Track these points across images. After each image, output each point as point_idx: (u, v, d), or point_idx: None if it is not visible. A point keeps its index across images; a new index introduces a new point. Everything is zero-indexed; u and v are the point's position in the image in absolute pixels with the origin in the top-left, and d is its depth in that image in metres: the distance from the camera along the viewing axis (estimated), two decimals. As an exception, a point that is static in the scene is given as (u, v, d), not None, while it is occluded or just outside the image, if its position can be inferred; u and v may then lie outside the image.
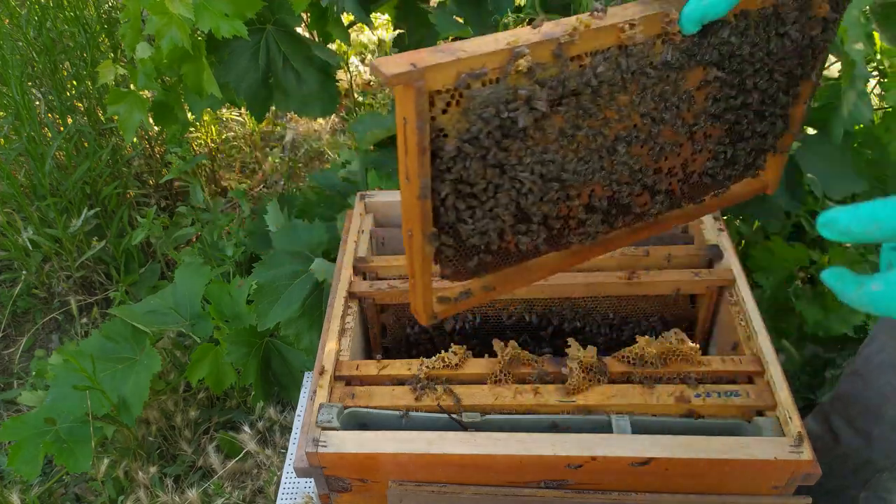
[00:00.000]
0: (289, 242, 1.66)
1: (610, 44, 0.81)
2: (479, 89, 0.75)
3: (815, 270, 1.78)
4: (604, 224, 0.98)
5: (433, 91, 0.72)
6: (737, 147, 1.02)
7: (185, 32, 1.62)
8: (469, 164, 0.78)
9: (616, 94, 0.85)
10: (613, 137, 0.89)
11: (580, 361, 1.10)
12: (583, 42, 0.79)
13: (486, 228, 0.86)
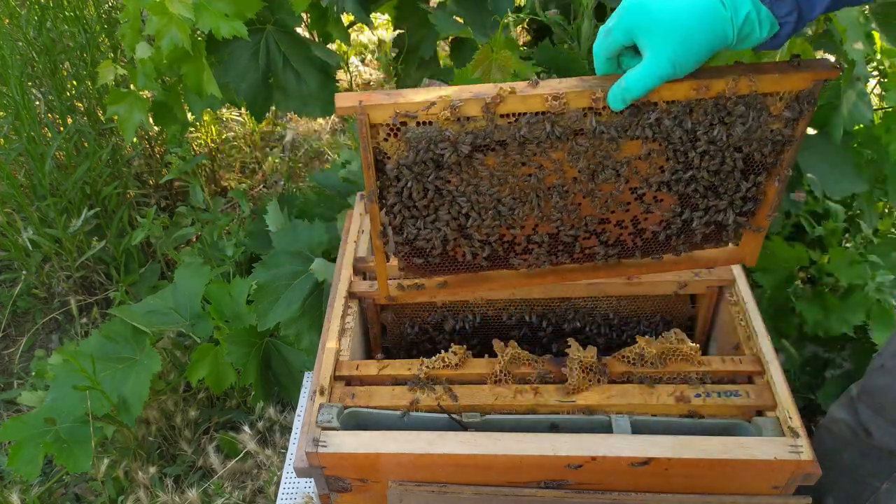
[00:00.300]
0: (289, 242, 1.66)
1: (536, 109, 0.96)
2: (413, 127, 0.96)
3: (814, 270, 1.78)
4: (550, 256, 1.14)
5: (375, 123, 0.96)
6: (692, 216, 1.11)
7: (185, 33, 1.62)
8: (409, 183, 1.00)
9: (547, 151, 1.00)
10: (548, 186, 1.04)
11: (580, 361, 1.10)
12: (511, 104, 0.95)
13: (429, 236, 1.07)
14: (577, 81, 0.95)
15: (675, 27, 0.88)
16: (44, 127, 2.34)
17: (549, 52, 1.53)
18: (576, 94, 0.95)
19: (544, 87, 0.95)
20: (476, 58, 1.44)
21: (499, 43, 1.42)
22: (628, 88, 0.92)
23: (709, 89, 0.96)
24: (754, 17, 0.88)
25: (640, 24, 0.90)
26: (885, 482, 1.34)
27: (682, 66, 0.90)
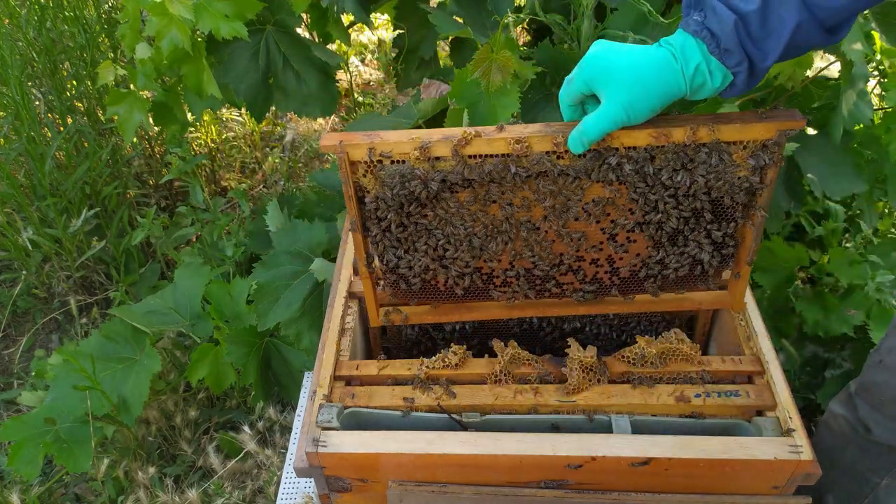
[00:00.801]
0: (289, 242, 1.66)
1: (501, 151, 1.03)
2: (388, 165, 1.05)
3: (814, 270, 1.78)
4: (529, 289, 1.19)
5: (354, 161, 1.04)
6: (667, 258, 1.15)
7: (186, 34, 1.62)
8: (387, 215, 1.09)
9: (513, 190, 1.07)
10: (518, 223, 1.11)
11: (580, 361, 1.10)
12: (477, 146, 1.02)
13: (410, 265, 1.15)
14: (542, 127, 1.02)
15: (628, 76, 0.94)
16: (44, 127, 2.34)
17: (549, 52, 1.53)
18: (538, 139, 1.01)
19: (509, 132, 1.02)
20: (476, 58, 1.44)
21: (499, 43, 1.42)
22: (585, 132, 0.98)
23: (668, 137, 1.00)
24: (704, 69, 0.93)
25: (596, 74, 0.97)
26: (884, 478, 1.35)
27: (635, 112, 0.95)
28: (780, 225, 1.67)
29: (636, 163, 1.02)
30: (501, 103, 1.43)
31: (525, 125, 1.04)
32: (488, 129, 1.02)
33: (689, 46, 0.93)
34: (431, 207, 1.09)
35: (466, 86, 1.46)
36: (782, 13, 0.89)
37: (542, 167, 1.03)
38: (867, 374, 1.33)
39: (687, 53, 0.93)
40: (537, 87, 1.54)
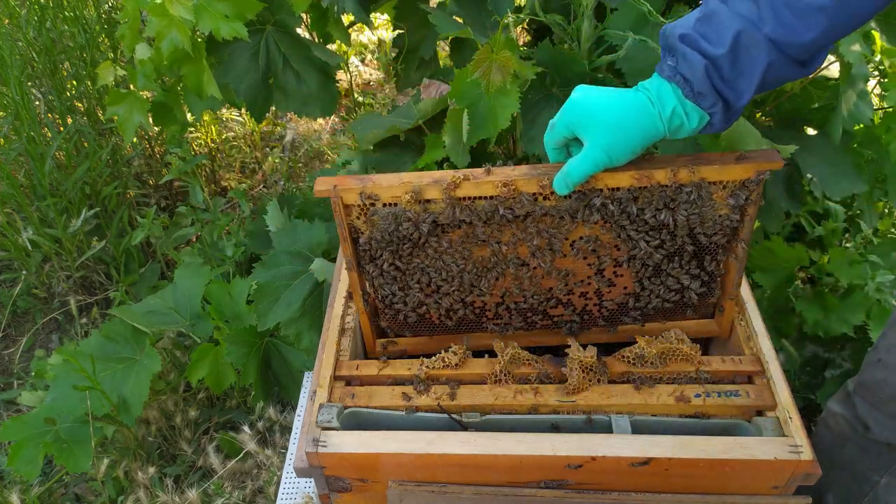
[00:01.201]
0: (289, 242, 1.66)
1: (489, 193, 1.07)
2: (381, 208, 1.09)
3: (814, 270, 1.79)
4: (521, 321, 1.23)
5: (347, 204, 1.09)
6: (652, 292, 1.19)
7: (186, 34, 1.62)
8: (381, 254, 1.13)
9: (502, 230, 1.10)
10: (507, 261, 1.14)
11: (580, 361, 1.10)
12: (466, 189, 1.06)
13: (405, 300, 1.20)
14: (528, 169, 1.06)
15: (608, 122, 0.97)
16: (44, 127, 2.34)
17: (549, 53, 1.53)
18: (525, 181, 1.06)
19: (496, 175, 1.06)
20: (476, 58, 1.44)
21: (499, 43, 1.42)
22: (569, 174, 1.01)
23: (650, 178, 1.04)
24: (681, 111, 0.96)
25: (578, 119, 1.00)
26: (884, 476, 1.35)
27: (616, 155, 0.99)
28: (780, 225, 1.67)
29: (620, 203, 1.07)
30: (501, 103, 1.43)
31: (512, 167, 1.07)
32: (477, 171, 1.07)
33: (665, 91, 0.96)
34: (423, 247, 1.13)
35: (466, 86, 1.46)
36: (752, 54, 0.92)
37: (529, 208, 1.07)
38: (866, 373, 1.33)
39: (663, 98, 0.96)
40: (537, 87, 1.54)
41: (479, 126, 1.46)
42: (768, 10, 0.89)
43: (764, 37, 0.90)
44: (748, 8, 0.91)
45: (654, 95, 0.97)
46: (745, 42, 0.91)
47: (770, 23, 0.89)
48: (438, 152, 1.55)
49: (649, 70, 1.52)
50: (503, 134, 1.59)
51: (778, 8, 0.88)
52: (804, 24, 0.88)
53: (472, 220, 1.09)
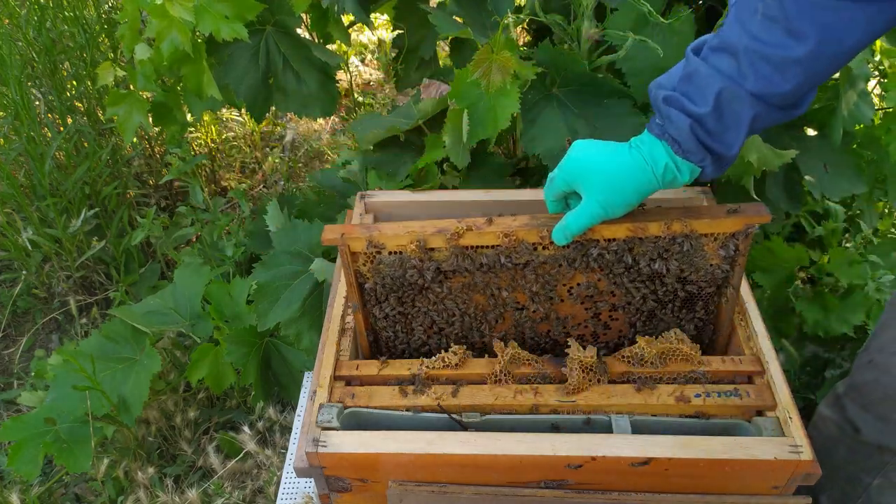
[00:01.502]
0: (289, 242, 1.66)
1: (491, 243, 1.11)
2: (387, 256, 1.13)
3: (814, 270, 1.79)
4: None
5: (354, 251, 1.12)
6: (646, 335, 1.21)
7: (186, 35, 1.62)
8: (386, 298, 1.18)
9: (503, 277, 1.15)
10: (505, 304, 1.19)
11: (580, 361, 1.10)
12: (469, 238, 1.11)
13: (408, 340, 1.25)
14: (528, 219, 1.11)
15: (604, 178, 1.02)
16: (44, 127, 2.34)
17: (549, 53, 1.53)
18: (525, 231, 1.10)
19: (498, 225, 1.11)
20: (476, 58, 1.44)
21: (499, 43, 1.42)
22: (567, 227, 1.06)
23: (645, 231, 1.09)
24: (672, 167, 1.00)
25: (575, 175, 1.04)
26: (876, 478, 1.35)
27: (613, 209, 1.03)
28: (780, 225, 1.67)
29: (616, 253, 1.12)
30: (501, 104, 1.43)
31: (514, 218, 1.12)
32: (479, 221, 1.11)
33: (656, 148, 1.00)
34: (427, 292, 1.18)
35: (466, 86, 1.46)
36: (737, 109, 0.94)
37: (528, 257, 1.12)
38: (856, 375, 1.33)
39: (655, 156, 1.00)
40: (537, 88, 1.55)
41: (479, 126, 1.46)
42: (748, 66, 0.91)
43: (746, 92, 0.92)
44: (728, 64, 0.93)
45: (646, 153, 1.01)
46: (728, 98, 0.94)
47: (751, 78, 0.91)
48: (438, 152, 1.55)
49: (649, 70, 1.53)
50: (503, 134, 1.59)
51: (756, 62, 0.91)
52: (782, 76, 0.90)
53: (474, 268, 1.14)
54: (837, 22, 0.86)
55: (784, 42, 0.88)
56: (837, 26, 0.86)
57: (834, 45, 0.87)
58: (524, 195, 1.43)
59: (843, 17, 0.85)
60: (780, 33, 0.88)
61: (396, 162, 1.72)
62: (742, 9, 0.91)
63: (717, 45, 0.94)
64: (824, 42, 0.86)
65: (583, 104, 1.55)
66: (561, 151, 1.48)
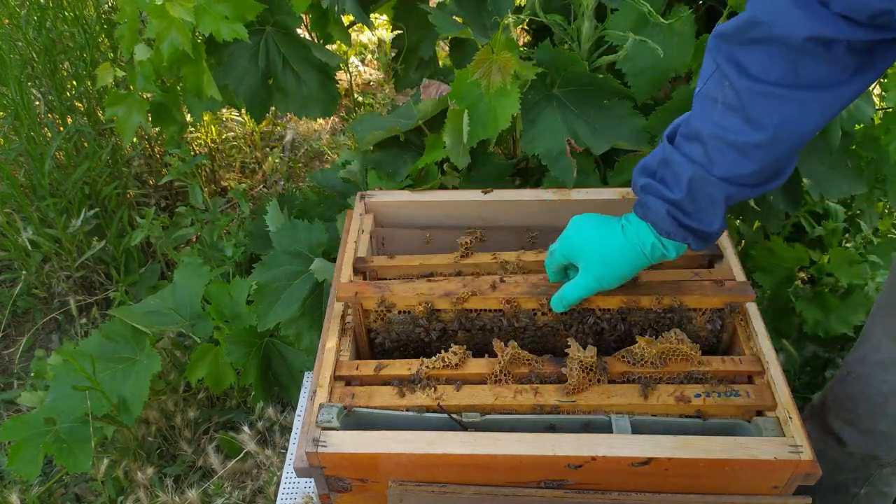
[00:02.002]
0: (289, 242, 1.66)
1: (494, 307, 1.19)
2: (396, 315, 1.22)
3: (814, 270, 1.79)
4: None
5: (366, 309, 1.21)
6: None
7: (186, 36, 1.62)
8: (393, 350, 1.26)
9: (502, 335, 1.22)
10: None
11: (580, 361, 1.10)
12: (473, 303, 1.19)
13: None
14: (529, 287, 1.19)
15: (598, 255, 1.09)
16: (43, 127, 2.34)
17: (550, 53, 1.53)
18: (526, 299, 1.18)
19: (501, 291, 1.19)
20: (476, 58, 1.44)
21: (499, 44, 1.42)
22: (565, 297, 1.14)
23: (637, 303, 1.17)
24: (659, 245, 1.06)
25: (572, 251, 1.12)
26: (863, 487, 1.35)
27: (606, 282, 1.11)
28: (780, 225, 1.67)
29: (610, 322, 1.20)
30: (501, 104, 1.43)
31: (516, 284, 1.19)
32: (483, 287, 1.19)
33: (642, 229, 1.06)
34: (431, 346, 1.24)
35: (466, 86, 1.46)
36: (709, 192, 0.98)
37: (528, 322, 1.21)
38: (836, 389, 1.33)
39: (641, 236, 1.06)
40: (538, 88, 1.55)
41: (479, 126, 1.46)
42: (714, 151, 0.95)
43: (715, 177, 0.96)
44: (697, 151, 0.97)
45: (633, 234, 1.07)
46: (699, 184, 0.98)
47: (718, 163, 0.95)
48: (439, 153, 1.55)
49: (649, 70, 1.53)
50: (503, 134, 1.59)
51: (721, 149, 0.94)
52: (747, 159, 0.94)
53: (475, 329, 1.22)
54: (792, 110, 0.89)
55: (744, 129, 0.92)
56: (793, 114, 0.89)
57: (791, 130, 0.90)
58: (524, 195, 1.43)
59: (797, 105, 0.88)
60: (739, 121, 0.92)
61: (396, 162, 1.72)
62: (704, 99, 0.96)
63: (687, 133, 0.99)
64: (782, 128, 0.90)
65: (583, 105, 1.55)
66: (560, 152, 1.49)
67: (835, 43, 0.82)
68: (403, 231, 1.46)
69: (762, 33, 0.86)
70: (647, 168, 1.07)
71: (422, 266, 1.34)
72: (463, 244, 1.34)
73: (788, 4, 0.82)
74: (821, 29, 0.81)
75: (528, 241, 1.42)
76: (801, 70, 0.86)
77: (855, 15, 0.80)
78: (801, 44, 0.83)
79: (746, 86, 0.89)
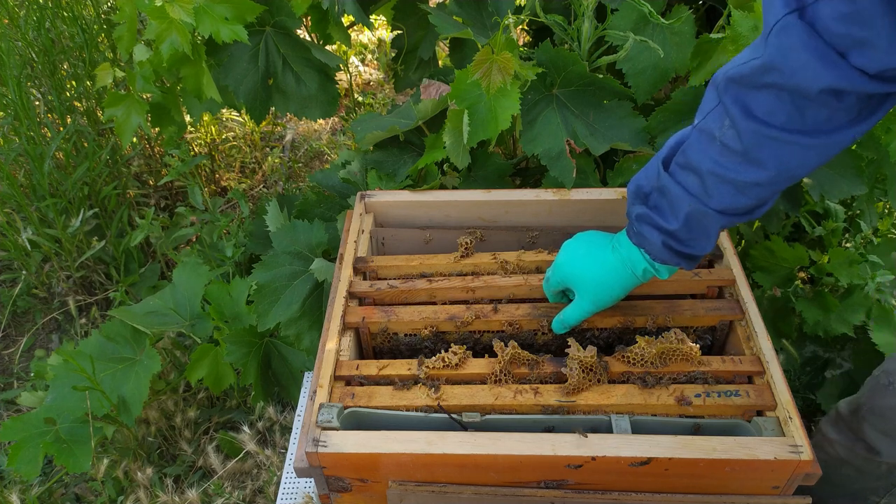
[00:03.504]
0: (289, 242, 1.66)
1: (496, 329, 1.25)
2: (403, 337, 1.28)
3: (814, 270, 1.79)
4: None
5: (374, 332, 1.27)
6: None
7: (186, 37, 1.62)
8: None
9: None
10: None
11: (580, 361, 1.10)
12: (477, 325, 1.24)
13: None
14: (530, 309, 1.24)
15: (591, 280, 1.13)
16: (43, 127, 2.34)
17: (550, 53, 1.53)
18: (527, 321, 1.23)
19: (503, 314, 1.23)
20: (476, 59, 1.44)
21: (499, 44, 1.42)
22: (565, 320, 1.18)
23: (633, 323, 1.23)
24: (651, 269, 1.09)
25: (566, 278, 1.17)
26: (884, 497, 1.34)
27: (602, 304, 1.15)
28: (779, 225, 1.67)
29: (607, 340, 1.26)
30: (501, 104, 1.43)
31: (517, 306, 1.24)
32: (486, 309, 1.23)
33: (635, 254, 1.09)
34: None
35: (467, 87, 1.46)
36: (705, 223, 1.01)
37: (529, 342, 1.26)
38: (875, 398, 1.30)
39: (633, 260, 1.09)
40: (538, 88, 1.55)
41: (479, 127, 1.46)
42: (713, 187, 0.96)
43: (712, 210, 0.98)
44: (694, 183, 0.99)
45: (625, 257, 1.10)
46: (697, 216, 1.00)
47: (715, 198, 0.97)
48: (439, 153, 1.55)
49: (649, 70, 1.53)
50: (503, 134, 1.59)
51: (719, 185, 0.96)
52: (744, 196, 0.96)
53: (478, 347, 1.26)
54: (794, 153, 0.90)
55: (743, 168, 0.93)
56: (794, 157, 0.90)
57: (790, 171, 0.92)
58: (524, 195, 1.43)
59: (799, 149, 0.89)
60: (738, 161, 0.93)
61: (396, 162, 1.72)
62: (703, 134, 0.96)
63: (683, 164, 0.99)
64: (782, 170, 0.92)
65: (583, 105, 1.55)
66: (560, 152, 1.49)
67: (847, 94, 0.83)
68: (403, 231, 1.46)
69: (776, 80, 0.86)
70: (641, 191, 1.07)
71: (422, 266, 1.34)
72: (463, 244, 1.34)
73: (808, 57, 0.81)
74: (837, 82, 0.81)
75: (528, 241, 1.43)
76: (808, 116, 0.86)
77: (871, 69, 0.80)
78: (816, 95, 0.83)
79: (751, 128, 0.90)
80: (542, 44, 1.54)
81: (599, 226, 1.45)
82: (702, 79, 1.47)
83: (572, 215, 1.44)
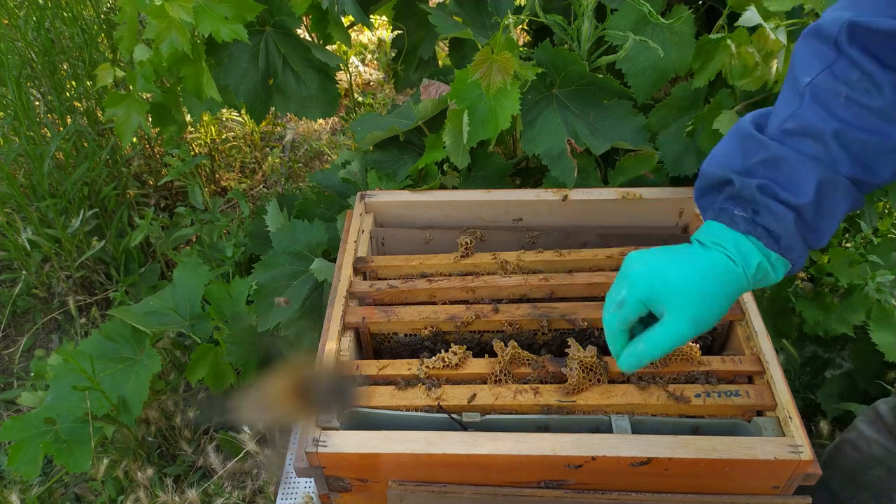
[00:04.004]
0: (289, 242, 1.66)
1: (496, 329, 1.24)
2: (403, 337, 1.27)
3: (814, 270, 1.79)
4: None
5: (374, 333, 1.27)
6: None
7: (185, 36, 1.61)
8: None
9: None
10: None
11: (580, 361, 1.10)
12: (477, 325, 1.23)
13: None
14: (531, 309, 1.23)
15: (692, 291, 0.87)
16: (43, 127, 2.34)
17: (549, 53, 1.53)
18: (527, 321, 1.22)
19: (503, 314, 1.22)
20: (476, 59, 1.44)
21: (499, 44, 1.42)
22: (649, 353, 0.90)
23: None
24: (766, 265, 0.87)
25: (654, 294, 0.89)
26: None
27: (704, 325, 0.88)
28: (779, 225, 1.67)
29: None
30: (501, 104, 1.43)
31: (517, 306, 1.23)
32: (486, 309, 1.23)
33: (744, 245, 0.87)
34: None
35: (467, 87, 1.46)
36: (835, 198, 0.85)
37: (529, 341, 1.25)
38: None
39: (745, 254, 0.87)
40: (537, 88, 1.55)
41: (479, 127, 1.46)
42: (840, 151, 0.83)
43: (843, 178, 0.84)
44: (816, 149, 0.84)
45: (733, 253, 0.87)
46: (828, 188, 0.85)
47: (846, 163, 0.84)
48: (439, 153, 1.55)
49: (649, 70, 1.53)
50: (503, 134, 1.59)
51: (851, 146, 0.83)
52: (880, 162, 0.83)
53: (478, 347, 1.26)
54: None
55: (881, 128, 0.81)
56: None
57: None
58: (524, 195, 1.44)
59: None
60: (874, 119, 0.81)
61: (396, 162, 1.72)
62: (821, 91, 0.84)
63: (796, 129, 0.85)
64: None
65: (583, 105, 1.55)
66: (561, 152, 1.49)
67: None
68: (403, 231, 1.46)
69: None
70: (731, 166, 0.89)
71: (422, 266, 1.34)
72: (463, 244, 1.34)
73: None
74: None
75: (528, 241, 1.43)
76: None
77: None
78: None
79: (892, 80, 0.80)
80: (542, 44, 1.54)
81: (600, 226, 1.45)
82: (705, 80, 1.47)
83: (573, 215, 1.45)
